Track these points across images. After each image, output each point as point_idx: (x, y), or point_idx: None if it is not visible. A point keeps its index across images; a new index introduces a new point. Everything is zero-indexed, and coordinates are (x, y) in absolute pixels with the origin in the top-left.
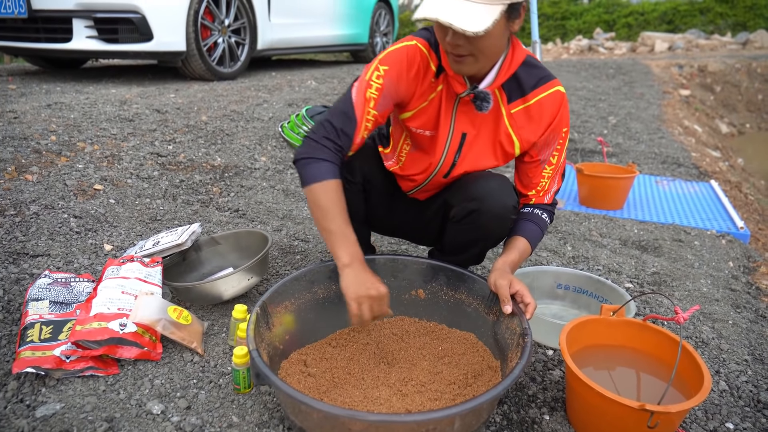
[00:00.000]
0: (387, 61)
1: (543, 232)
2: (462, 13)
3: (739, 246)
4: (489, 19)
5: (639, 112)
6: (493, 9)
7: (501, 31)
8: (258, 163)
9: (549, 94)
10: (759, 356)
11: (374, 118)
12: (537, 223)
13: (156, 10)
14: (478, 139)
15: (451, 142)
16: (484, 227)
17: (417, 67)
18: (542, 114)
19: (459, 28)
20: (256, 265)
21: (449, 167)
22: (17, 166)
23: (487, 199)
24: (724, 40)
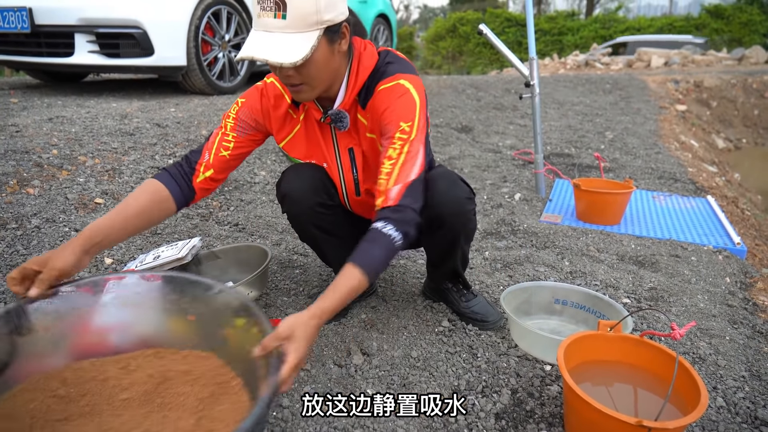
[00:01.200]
0: (244, 96)
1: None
2: (277, 47)
3: (736, 261)
4: (305, 47)
5: (636, 127)
6: (308, 36)
7: (326, 54)
8: (257, 177)
9: (389, 86)
10: (756, 372)
11: (234, 140)
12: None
13: (157, 26)
14: (363, 147)
15: (342, 161)
16: (450, 228)
17: (267, 98)
18: (378, 105)
19: (275, 62)
20: (256, 280)
21: (353, 184)
22: (19, 180)
23: (441, 201)
24: (719, 56)
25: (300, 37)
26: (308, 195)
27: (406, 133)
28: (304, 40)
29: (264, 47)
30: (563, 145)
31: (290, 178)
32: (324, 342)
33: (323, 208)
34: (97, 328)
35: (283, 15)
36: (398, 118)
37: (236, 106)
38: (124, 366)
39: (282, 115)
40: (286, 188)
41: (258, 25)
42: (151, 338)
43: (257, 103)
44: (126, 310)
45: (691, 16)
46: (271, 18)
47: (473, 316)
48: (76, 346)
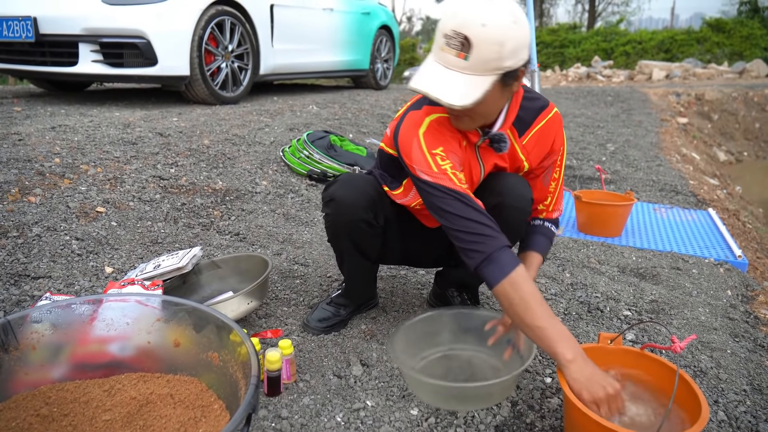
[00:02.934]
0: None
1: (551, 245)
2: (452, 87)
3: (738, 274)
4: (478, 91)
5: (637, 139)
6: (484, 80)
7: (496, 96)
8: (259, 187)
9: (550, 117)
10: (758, 386)
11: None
12: (547, 236)
13: (161, 36)
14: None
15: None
16: (507, 220)
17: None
18: (547, 135)
19: (446, 103)
20: (256, 290)
21: None
22: (21, 188)
23: (509, 192)
24: (720, 69)
25: (476, 80)
26: (357, 208)
27: (563, 154)
28: (479, 84)
29: (438, 85)
30: (565, 156)
31: (344, 184)
32: (324, 353)
33: (366, 225)
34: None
35: (466, 57)
36: (562, 144)
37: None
38: (108, 388)
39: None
40: (336, 193)
41: (438, 57)
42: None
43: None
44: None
45: (692, 30)
46: (453, 56)
47: None
48: (68, 360)
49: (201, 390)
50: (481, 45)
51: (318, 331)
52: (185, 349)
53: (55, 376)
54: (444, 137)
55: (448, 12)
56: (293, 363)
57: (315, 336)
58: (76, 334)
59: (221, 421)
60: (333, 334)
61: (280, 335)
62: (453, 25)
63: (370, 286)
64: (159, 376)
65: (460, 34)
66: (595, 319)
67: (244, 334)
